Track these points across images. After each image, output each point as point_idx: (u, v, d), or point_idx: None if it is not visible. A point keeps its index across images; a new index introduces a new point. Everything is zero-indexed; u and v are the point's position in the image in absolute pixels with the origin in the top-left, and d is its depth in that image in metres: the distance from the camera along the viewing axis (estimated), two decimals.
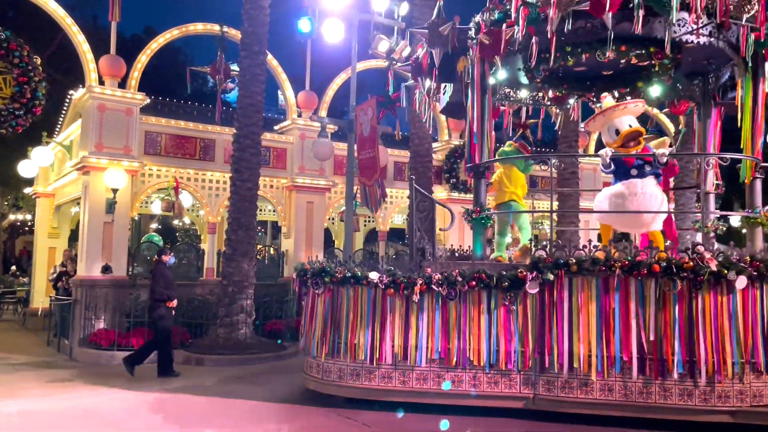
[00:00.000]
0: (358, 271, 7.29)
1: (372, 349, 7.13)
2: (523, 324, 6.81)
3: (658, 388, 6.41)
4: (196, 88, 26.41)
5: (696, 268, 6.30)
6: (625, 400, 6.48)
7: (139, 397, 7.95)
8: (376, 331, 7.16)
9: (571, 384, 6.66)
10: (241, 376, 9.36)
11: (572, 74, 8.38)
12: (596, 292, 6.61)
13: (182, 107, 15.68)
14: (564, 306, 6.68)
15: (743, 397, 6.33)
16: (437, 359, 6.98)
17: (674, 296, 6.39)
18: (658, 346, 6.38)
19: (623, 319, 6.48)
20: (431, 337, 7.01)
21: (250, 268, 11.28)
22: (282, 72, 14.81)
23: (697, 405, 6.32)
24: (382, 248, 16.76)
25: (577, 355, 6.57)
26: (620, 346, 6.45)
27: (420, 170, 13.70)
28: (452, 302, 6.98)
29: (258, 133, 11.65)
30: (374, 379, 7.16)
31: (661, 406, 6.38)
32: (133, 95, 12.70)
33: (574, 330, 6.63)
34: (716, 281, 6.33)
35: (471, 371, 6.93)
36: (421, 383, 7.03)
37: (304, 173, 14.75)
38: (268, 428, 6.50)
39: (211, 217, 14.00)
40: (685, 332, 6.35)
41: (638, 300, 6.47)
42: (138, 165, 12.65)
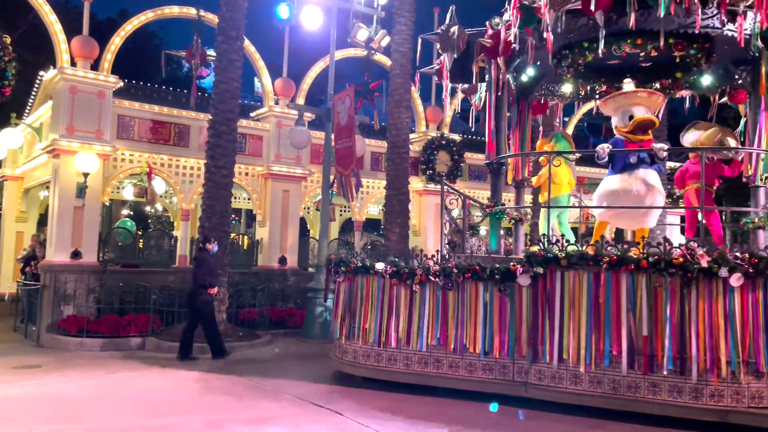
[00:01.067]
0: (368, 262, 7.92)
1: (380, 334, 7.75)
2: (517, 315, 7.01)
3: (647, 383, 6.40)
4: (171, 73, 26.04)
5: (686, 264, 6.17)
6: (613, 393, 6.53)
7: (109, 383, 7.85)
8: (384, 317, 7.74)
9: (561, 375, 6.80)
10: (218, 363, 9.29)
11: (609, 67, 8.30)
12: (588, 286, 6.66)
13: (157, 92, 15.42)
14: (556, 299, 6.80)
15: (740, 398, 6.09)
16: (436, 345, 7.41)
17: (666, 292, 6.29)
18: (649, 341, 6.34)
19: (614, 314, 6.50)
20: (431, 325, 7.44)
21: (223, 256, 11.18)
22: (259, 58, 14.65)
23: (687, 402, 6.20)
24: (357, 238, 16.74)
25: (567, 347, 6.68)
26: (610, 340, 6.48)
27: (397, 161, 13.71)
28: (450, 292, 7.36)
29: (234, 119, 11.52)
30: (382, 361, 7.77)
31: (650, 401, 6.37)
32: (106, 78, 12.45)
33: (565, 323, 6.73)
34: (711, 278, 6.13)
35: (467, 357, 7.29)
36: (422, 366, 7.52)
37: (281, 161, 14.64)
38: (241, 417, 6.48)
39: (185, 204, 13.83)
40: (677, 329, 6.23)
41: (629, 295, 6.44)
42: (110, 149, 12.42)
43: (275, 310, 12.65)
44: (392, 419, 6.35)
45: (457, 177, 17.05)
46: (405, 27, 13.75)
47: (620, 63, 8.02)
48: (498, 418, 6.54)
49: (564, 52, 7.93)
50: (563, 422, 6.42)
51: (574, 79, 8.75)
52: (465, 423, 6.27)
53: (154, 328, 10.85)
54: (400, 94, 13.74)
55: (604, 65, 8.19)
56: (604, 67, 8.30)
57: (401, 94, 13.76)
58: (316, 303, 11.97)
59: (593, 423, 6.36)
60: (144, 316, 10.95)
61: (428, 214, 16.80)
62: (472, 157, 17.90)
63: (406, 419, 6.37)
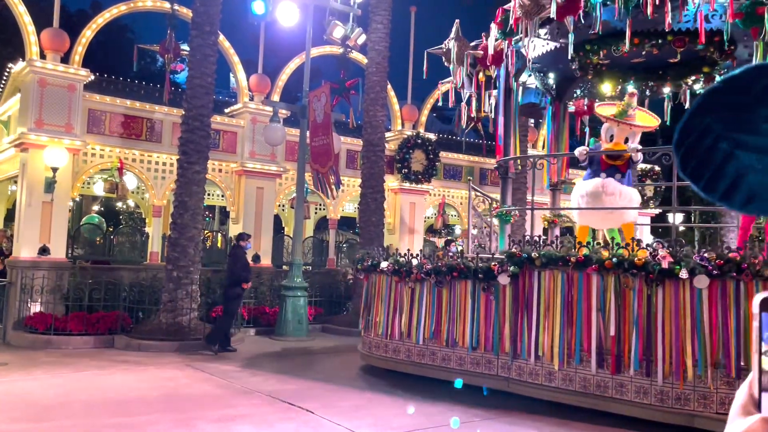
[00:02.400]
0: (378, 260, 8.62)
1: (386, 327, 8.45)
2: (501, 313, 7.28)
3: (615, 383, 6.47)
4: (143, 67, 25.67)
5: (647, 265, 6.21)
6: (583, 391, 6.64)
7: (77, 382, 7.71)
8: (390, 311, 8.44)
9: (537, 371, 7.00)
10: (187, 362, 9.19)
11: (635, 66, 8.42)
12: (561, 286, 6.81)
13: (129, 86, 15.19)
14: (533, 298, 7.00)
15: (707, 403, 5.98)
16: (431, 338, 7.97)
17: (633, 293, 6.33)
18: (617, 342, 6.40)
19: (585, 314, 6.61)
20: (427, 320, 8.00)
21: (196, 253, 11.06)
22: (234, 54, 14.52)
23: (653, 404, 6.22)
24: (332, 236, 16.70)
25: (542, 344, 6.87)
26: (581, 339, 6.60)
27: (372, 159, 13.71)
28: (444, 290, 7.85)
29: (208, 115, 11.40)
30: (388, 351, 8.49)
31: (617, 401, 6.44)
32: (77, 71, 12.22)
33: (541, 321, 6.92)
34: (677, 280, 6.10)
35: (458, 351, 7.75)
36: (420, 357, 8.13)
37: (255, 158, 14.53)
38: (192, 415, 6.42)
39: (157, 200, 13.65)
40: (644, 330, 6.26)
41: (599, 295, 6.53)
42: (80, 144, 12.20)
43: (248, 307, 12.56)
44: (363, 416, 6.35)
45: (432, 176, 17.11)
46: (381, 25, 13.75)
47: (648, 60, 8.16)
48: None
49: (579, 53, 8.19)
50: (530, 420, 6.48)
51: (603, 78, 8.91)
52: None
53: (123, 325, 10.68)
54: (376, 92, 13.74)
55: (630, 64, 8.36)
56: (632, 66, 8.44)
57: (377, 92, 13.76)
58: (289, 301, 11.91)
59: (556, 422, 6.43)
60: (113, 314, 10.78)
61: (404, 212, 16.83)
62: (447, 157, 17.98)
63: (373, 417, 6.38)
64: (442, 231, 21.61)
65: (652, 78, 8.74)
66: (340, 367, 9.36)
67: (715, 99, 0.64)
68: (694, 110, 0.66)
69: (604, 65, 8.54)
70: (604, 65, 8.54)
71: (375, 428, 5.96)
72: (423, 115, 17.49)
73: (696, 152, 0.66)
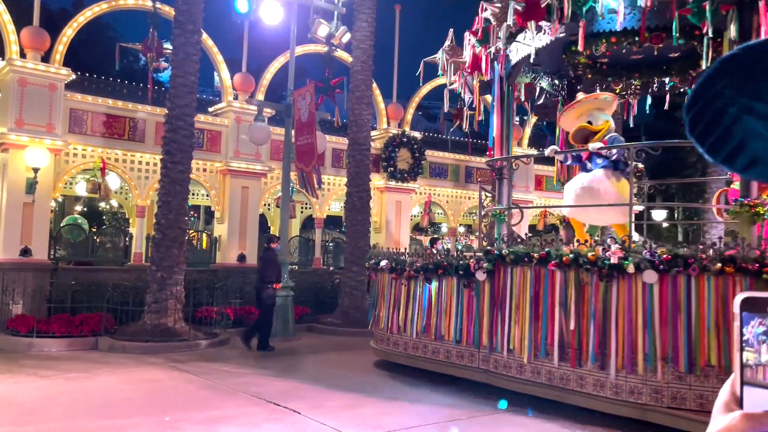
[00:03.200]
0: (379, 259, 9.13)
1: (387, 321, 8.96)
2: (481, 308, 7.60)
3: (576, 375, 6.63)
4: (126, 66, 25.42)
5: (598, 260, 6.33)
6: (549, 383, 6.83)
7: (60, 384, 7.61)
8: (390, 307, 8.91)
9: (510, 364, 7.27)
10: (172, 363, 9.11)
11: (637, 62, 8.45)
12: (530, 282, 7.01)
13: (111, 85, 15.01)
14: (506, 293, 7.25)
15: (659, 397, 6.05)
16: (423, 332, 8.36)
17: (591, 288, 6.47)
18: (576, 336, 6.56)
19: (550, 308, 6.78)
20: (419, 315, 8.39)
21: (180, 254, 10.97)
22: (218, 53, 14.41)
23: (609, 397, 6.35)
24: (318, 235, 16.65)
25: (513, 338, 7.12)
26: (546, 333, 6.79)
27: (358, 158, 13.69)
28: (432, 286, 8.22)
29: (191, 114, 11.30)
30: (388, 344, 8.99)
31: (578, 393, 6.60)
32: (58, 70, 12.07)
33: (512, 315, 7.17)
34: (630, 275, 6.18)
35: (445, 345, 8.10)
36: (414, 350, 8.55)
37: (240, 157, 14.44)
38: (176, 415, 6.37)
39: (140, 200, 13.53)
40: (600, 324, 6.38)
41: (562, 291, 6.70)
42: (62, 144, 12.06)
43: (234, 308, 12.48)
44: (351, 416, 6.33)
45: (418, 174, 17.12)
46: (366, 24, 13.72)
47: (649, 56, 8.18)
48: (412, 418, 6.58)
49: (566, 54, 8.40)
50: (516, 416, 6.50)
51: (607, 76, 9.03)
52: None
53: (107, 327, 10.56)
54: (361, 90, 13.72)
55: (633, 60, 8.44)
56: (634, 63, 8.49)
57: (362, 90, 13.73)
58: (275, 301, 11.83)
59: (540, 422, 6.46)
60: (97, 315, 10.66)
61: (390, 211, 16.82)
62: (433, 155, 18.00)
63: (360, 417, 6.36)
64: (428, 229, 21.64)
65: (657, 73, 8.79)
66: (327, 366, 9.32)
67: (730, 66, 0.66)
68: (708, 75, 0.67)
69: (604, 63, 8.65)
70: (604, 63, 8.65)
71: (362, 428, 5.94)
72: (408, 113, 17.50)
73: (705, 115, 0.68)
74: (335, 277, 14.78)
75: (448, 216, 18.83)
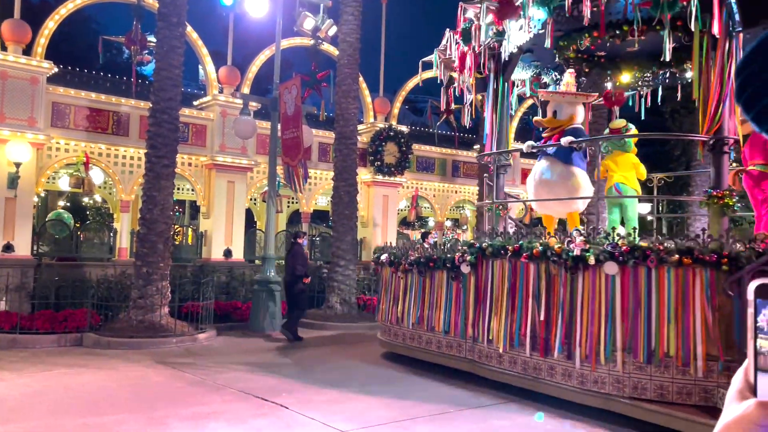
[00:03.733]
0: (380, 254, 9.57)
1: (388, 313, 9.35)
2: (467, 299, 7.83)
3: (547, 365, 6.78)
4: (109, 59, 25.13)
5: (563, 252, 6.47)
6: (524, 373, 7.00)
7: (44, 381, 7.52)
8: (391, 299, 9.29)
9: (491, 354, 7.47)
10: (158, 359, 9.04)
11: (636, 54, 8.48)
12: (508, 274, 7.20)
13: (94, 78, 14.85)
14: (488, 286, 7.44)
15: (621, 387, 6.11)
16: (418, 324, 8.67)
17: (560, 280, 6.59)
18: (546, 326, 6.70)
19: (525, 300, 6.97)
20: (414, 306, 8.72)
21: (165, 249, 10.88)
22: (203, 46, 14.27)
23: (575, 386, 6.45)
24: (305, 230, 16.56)
25: (492, 328, 7.32)
26: (520, 323, 6.98)
27: (345, 152, 13.65)
28: (426, 279, 8.50)
29: (176, 107, 11.18)
30: (390, 335, 9.40)
31: (548, 383, 6.75)
32: (39, 63, 11.89)
33: (493, 307, 7.36)
34: (593, 267, 6.27)
35: (436, 335, 8.38)
36: (410, 341, 8.89)
37: (225, 151, 14.33)
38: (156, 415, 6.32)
39: (125, 195, 13.39)
40: (567, 315, 6.50)
41: (535, 282, 6.86)
42: (44, 138, 11.89)
43: (220, 303, 12.41)
44: (338, 411, 6.32)
45: (405, 168, 17.10)
46: (352, 17, 13.66)
47: (645, 48, 8.22)
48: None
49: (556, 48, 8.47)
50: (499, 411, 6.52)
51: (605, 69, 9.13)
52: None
53: (92, 323, 10.46)
54: (347, 84, 13.66)
55: (628, 53, 8.50)
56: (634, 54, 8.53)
57: (349, 84, 13.67)
58: (262, 296, 11.80)
59: (526, 416, 6.49)
60: (81, 311, 10.55)
61: (377, 205, 16.80)
62: (420, 149, 17.98)
63: (349, 411, 6.35)
64: (416, 223, 21.66)
65: (656, 64, 8.79)
66: (314, 361, 9.30)
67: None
68: (761, 41, 0.66)
69: (602, 57, 8.75)
70: (602, 57, 8.75)
71: (350, 422, 5.93)
72: (395, 107, 17.46)
73: (754, 81, 0.67)
74: (322, 271, 14.75)
75: (435, 210, 18.84)
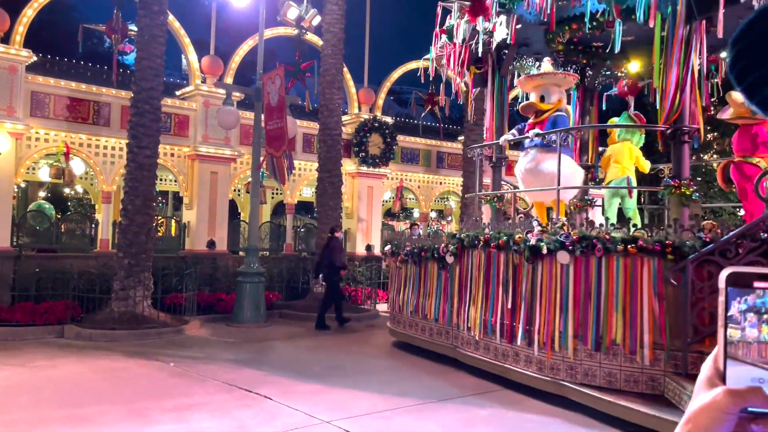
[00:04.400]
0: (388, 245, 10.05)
1: (393, 302, 9.95)
2: (453, 288, 8.12)
3: (513, 352, 7.01)
4: (90, 48, 24.77)
5: (522, 242, 6.69)
6: (495, 359, 7.25)
7: (24, 373, 7.45)
8: (394, 289, 9.85)
9: (469, 341, 7.76)
10: (140, 351, 8.98)
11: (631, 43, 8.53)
12: (483, 264, 7.47)
13: (74, 67, 14.64)
14: (468, 275, 7.72)
15: (574, 373, 6.26)
16: (415, 312, 9.08)
17: (524, 269, 6.78)
18: (512, 314, 6.95)
19: (496, 288, 7.22)
20: (411, 295, 9.18)
21: (148, 240, 10.79)
22: (185, 35, 14.11)
23: (534, 372, 6.66)
24: (289, 221, 16.54)
25: (471, 316, 7.61)
26: (492, 311, 7.24)
27: (329, 143, 13.60)
28: (421, 269, 8.90)
29: (158, 97, 11.06)
30: (394, 323, 9.89)
31: (514, 369, 6.96)
32: (18, 52, 11.69)
33: (472, 295, 7.64)
34: (550, 256, 6.46)
35: (429, 323, 8.77)
36: (408, 329, 9.37)
37: (208, 142, 14.22)
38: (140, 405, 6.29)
39: (106, 186, 13.25)
40: (528, 303, 6.73)
41: (504, 272, 7.10)
42: (23, 127, 11.72)
43: (204, 295, 12.35)
44: (322, 401, 6.33)
45: (389, 160, 17.09)
46: (336, 6, 13.57)
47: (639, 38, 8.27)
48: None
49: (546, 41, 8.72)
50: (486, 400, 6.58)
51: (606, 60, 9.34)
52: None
53: (73, 315, 10.36)
54: (332, 74, 13.59)
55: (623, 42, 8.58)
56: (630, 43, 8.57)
57: (333, 74, 13.60)
58: (246, 287, 11.76)
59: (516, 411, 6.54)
60: (62, 303, 10.44)
61: (361, 196, 16.78)
62: (404, 140, 17.97)
63: (331, 402, 6.37)
64: (400, 214, 21.67)
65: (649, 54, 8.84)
66: (298, 352, 9.30)
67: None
68: (759, 13, 0.65)
69: (599, 47, 8.90)
70: (599, 47, 8.90)
71: (333, 412, 5.94)
72: (380, 98, 17.41)
73: (748, 53, 0.65)
74: (307, 262, 14.72)
75: (420, 201, 18.86)
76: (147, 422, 5.63)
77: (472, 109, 11.03)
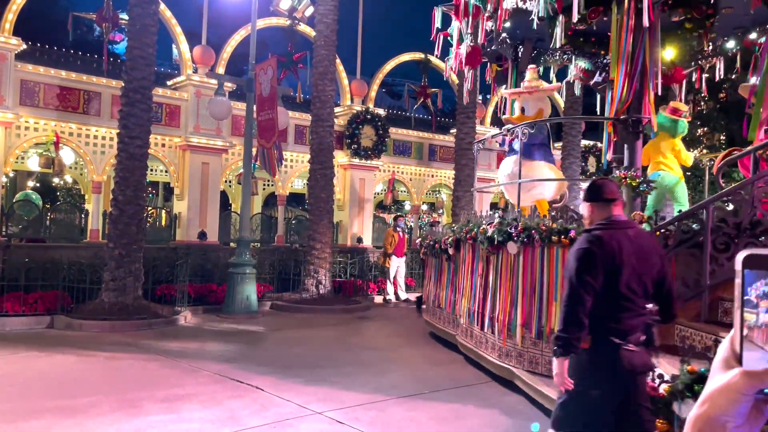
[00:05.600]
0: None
1: (426, 294, 10.67)
2: (457, 279, 8.57)
3: (485, 339, 7.35)
4: (80, 37, 24.53)
5: (483, 234, 7.08)
6: (475, 346, 7.64)
7: (14, 364, 7.41)
8: (426, 281, 10.66)
9: (464, 329, 8.18)
10: (131, 341, 8.96)
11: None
12: (472, 255, 7.88)
13: (64, 56, 14.49)
14: (462, 267, 8.21)
15: (522, 360, 6.58)
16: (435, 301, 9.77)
17: (493, 260, 7.15)
18: (481, 302, 7.36)
19: (478, 279, 7.60)
20: (432, 286, 9.97)
21: (139, 231, 10.74)
22: (176, 24, 14.00)
23: (495, 359, 7.01)
24: (281, 213, 16.50)
25: (463, 305, 8.07)
26: (474, 300, 7.66)
27: (321, 134, 13.56)
28: (437, 260, 9.60)
29: (149, 87, 10.97)
30: (429, 315, 10.31)
31: (484, 356, 7.31)
32: (7, 40, 11.57)
33: (464, 286, 8.11)
34: (503, 247, 6.86)
35: (444, 312, 9.34)
36: (433, 318, 9.94)
37: (200, 132, 14.14)
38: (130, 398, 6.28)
39: (96, 176, 13.16)
40: (492, 292, 7.12)
41: (481, 263, 7.52)
42: (12, 116, 11.61)
43: (195, 286, 12.31)
44: (313, 392, 6.35)
45: (382, 152, 17.07)
46: None
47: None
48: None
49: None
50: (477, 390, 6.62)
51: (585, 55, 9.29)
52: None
53: (63, 305, 10.30)
54: (324, 65, 13.53)
55: None
56: None
57: (326, 65, 13.55)
58: (237, 279, 11.74)
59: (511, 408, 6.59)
60: (52, 293, 10.37)
61: (353, 188, 16.76)
62: (397, 132, 17.95)
63: (323, 392, 6.38)
64: (392, 207, 21.67)
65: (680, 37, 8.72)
66: (289, 343, 9.31)
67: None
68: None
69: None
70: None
71: (325, 403, 5.96)
72: (372, 90, 17.37)
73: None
74: (298, 254, 14.70)
75: (412, 194, 18.87)
76: (138, 412, 5.62)
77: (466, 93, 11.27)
